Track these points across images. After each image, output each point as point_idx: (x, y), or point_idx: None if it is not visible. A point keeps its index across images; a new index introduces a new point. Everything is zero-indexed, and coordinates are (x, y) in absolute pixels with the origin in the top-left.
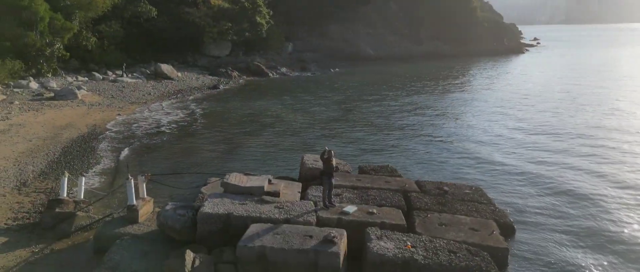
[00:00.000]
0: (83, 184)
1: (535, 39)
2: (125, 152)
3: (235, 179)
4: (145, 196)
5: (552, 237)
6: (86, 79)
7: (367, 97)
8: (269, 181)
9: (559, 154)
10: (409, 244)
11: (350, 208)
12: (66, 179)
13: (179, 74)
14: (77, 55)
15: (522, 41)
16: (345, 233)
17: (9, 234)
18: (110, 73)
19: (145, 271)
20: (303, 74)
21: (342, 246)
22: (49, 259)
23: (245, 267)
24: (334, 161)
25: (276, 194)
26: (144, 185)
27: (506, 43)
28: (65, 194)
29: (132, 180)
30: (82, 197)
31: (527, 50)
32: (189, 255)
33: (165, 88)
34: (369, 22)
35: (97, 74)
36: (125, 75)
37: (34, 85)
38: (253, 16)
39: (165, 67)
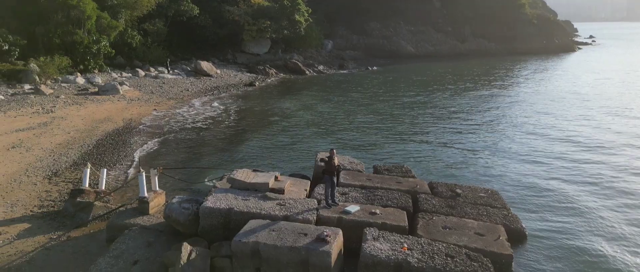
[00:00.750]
0: (105, 175)
1: (590, 36)
2: (151, 146)
3: (242, 175)
4: (157, 188)
5: (565, 254)
6: (130, 75)
7: (398, 97)
8: (276, 177)
9: (593, 166)
10: (406, 246)
11: (352, 208)
12: (88, 170)
13: (218, 71)
14: (122, 52)
15: (575, 39)
16: (340, 232)
17: (33, 220)
18: (152, 69)
19: (146, 261)
20: (340, 71)
21: (335, 246)
22: (65, 246)
23: (240, 261)
24: (336, 160)
25: (281, 191)
26: (156, 178)
27: (557, 41)
28: (87, 185)
29: (144, 173)
30: (103, 187)
31: (579, 48)
32: (186, 248)
33: (203, 85)
34: (410, 19)
35: (140, 71)
36: (168, 71)
37: (80, 80)
38: (292, 14)
39: (205, 65)
